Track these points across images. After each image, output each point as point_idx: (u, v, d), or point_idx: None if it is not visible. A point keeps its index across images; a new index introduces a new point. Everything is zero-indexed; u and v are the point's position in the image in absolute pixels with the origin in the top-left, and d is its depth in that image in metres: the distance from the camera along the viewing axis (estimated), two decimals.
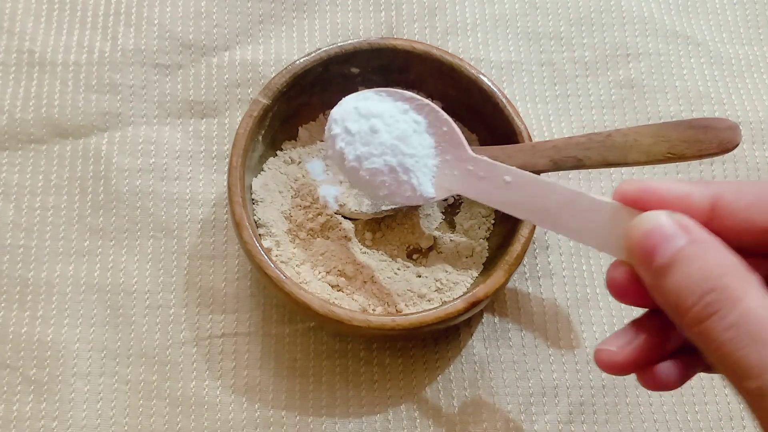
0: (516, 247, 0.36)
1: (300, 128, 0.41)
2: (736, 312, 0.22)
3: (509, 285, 0.41)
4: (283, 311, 0.40)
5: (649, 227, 0.25)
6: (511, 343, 0.40)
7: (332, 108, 0.41)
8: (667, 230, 0.24)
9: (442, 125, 0.35)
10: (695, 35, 0.47)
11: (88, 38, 0.44)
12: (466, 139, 0.41)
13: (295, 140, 0.42)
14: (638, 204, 0.26)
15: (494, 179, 0.32)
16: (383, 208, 0.39)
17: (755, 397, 0.22)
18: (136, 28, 0.44)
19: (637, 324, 0.28)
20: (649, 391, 0.39)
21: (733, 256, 0.24)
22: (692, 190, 0.25)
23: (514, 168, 0.31)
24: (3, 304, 0.39)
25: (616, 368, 0.27)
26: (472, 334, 0.40)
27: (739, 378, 0.22)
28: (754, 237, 0.25)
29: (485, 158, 0.33)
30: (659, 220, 0.25)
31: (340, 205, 0.39)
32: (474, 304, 0.35)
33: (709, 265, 0.23)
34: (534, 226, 0.37)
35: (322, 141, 0.42)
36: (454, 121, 0.42)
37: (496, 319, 0.40)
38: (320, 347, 0.39)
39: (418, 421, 0.38)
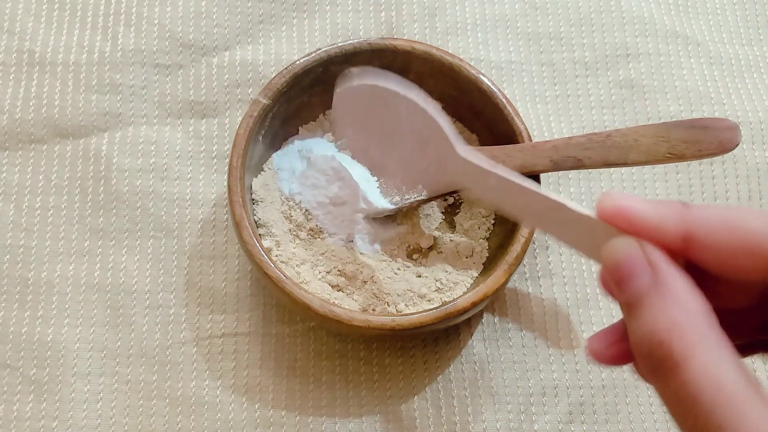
0: (516, 248, 0.36)
1: (300, 128, 0.41)
2: (675, 380, 0.22)
3: (509, 285, 0.41)
4: (283, 311, 0.40)
5: (618, 259, 0.24)
6: (511, 343, 0.40)
7: (332, 108, 0.42)
8: (633, 266, 0.24)
9: (428, 122, 0.35)
10: (695, 35, 0.47)
11: (88, 38, 0.44)
12: (467, 139, 0.42)
13: None
14: (614, 222, 0.25)
15: (480, 179, 0.32)
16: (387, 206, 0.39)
17: None
18: (136, 28, 0.44)
19: None
20: (650, 391, 0.39)
21: (691, 303, 0.23)
22: (665, 220, 0.25)
23: (498, 170, 0.31)
24: (3, 304, 0.39)
25: (606, 362, 0.27)
26: (472, 334, 0.40)
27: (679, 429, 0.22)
28: (728, 273, 0.24)
29: (470, 159, 0.33)
30: (628, 253, 0.24)
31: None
32: (474, 304, 0.35)
33: (660, 319, 0.23)
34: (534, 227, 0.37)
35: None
36: (454, 122, 0.42)
37: (496, 319, 0.40)
38: (320, 347, 0.39)
39: (418, 421, 0.38)
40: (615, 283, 0.24)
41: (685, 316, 0.23)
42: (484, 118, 0.41)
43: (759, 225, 0.23)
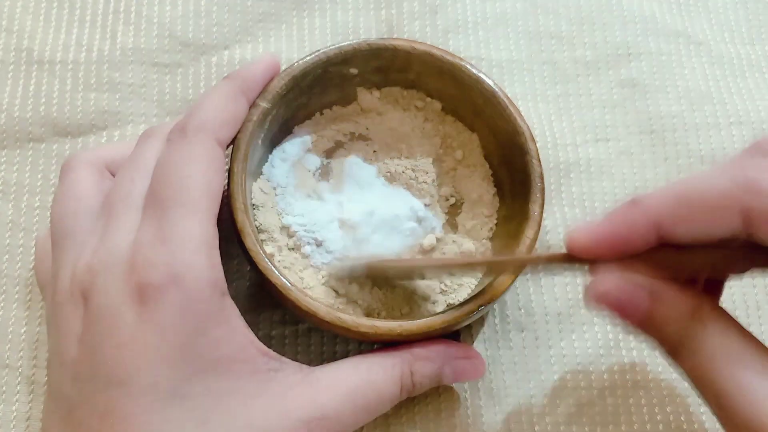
0: (521, 249, 0.36)
1: (295, 128, 0.41)
2: None
3: None
4: (283, 312, 0.40)
5: (604, 293, 0.28)
6: (511, 344, 0.40)
7: (330, 108, 0.41)
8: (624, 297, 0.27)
9: None
10: (696, 35, 0.47)
11: (87, 37, 0.44)
12: (467, 139, 0.42)
13: None
14: (594, 254, 0.28)
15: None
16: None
17: None
18: (136, 26, 0.44)
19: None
20: (653, 392, 0.39)
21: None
22: (633, 228, 0.27)
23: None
24: (3, 304, 0.39)
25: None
26: (472, 335, 0.40)
27: None
28: (700, 237, 0.26)
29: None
30: (611, 291, 0.28)
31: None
32: (481, 307, 0.35)
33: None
34: (539, 228, 0.36)
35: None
36: (454, 121, 0.42)
37: (497, 320, 0.40)
38: (320, 348, 0.39)
39: (419, 421, 0.38)
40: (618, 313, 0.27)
41: None
42: (485, 117, 0.40)
43: (707, 185, 0.26)
